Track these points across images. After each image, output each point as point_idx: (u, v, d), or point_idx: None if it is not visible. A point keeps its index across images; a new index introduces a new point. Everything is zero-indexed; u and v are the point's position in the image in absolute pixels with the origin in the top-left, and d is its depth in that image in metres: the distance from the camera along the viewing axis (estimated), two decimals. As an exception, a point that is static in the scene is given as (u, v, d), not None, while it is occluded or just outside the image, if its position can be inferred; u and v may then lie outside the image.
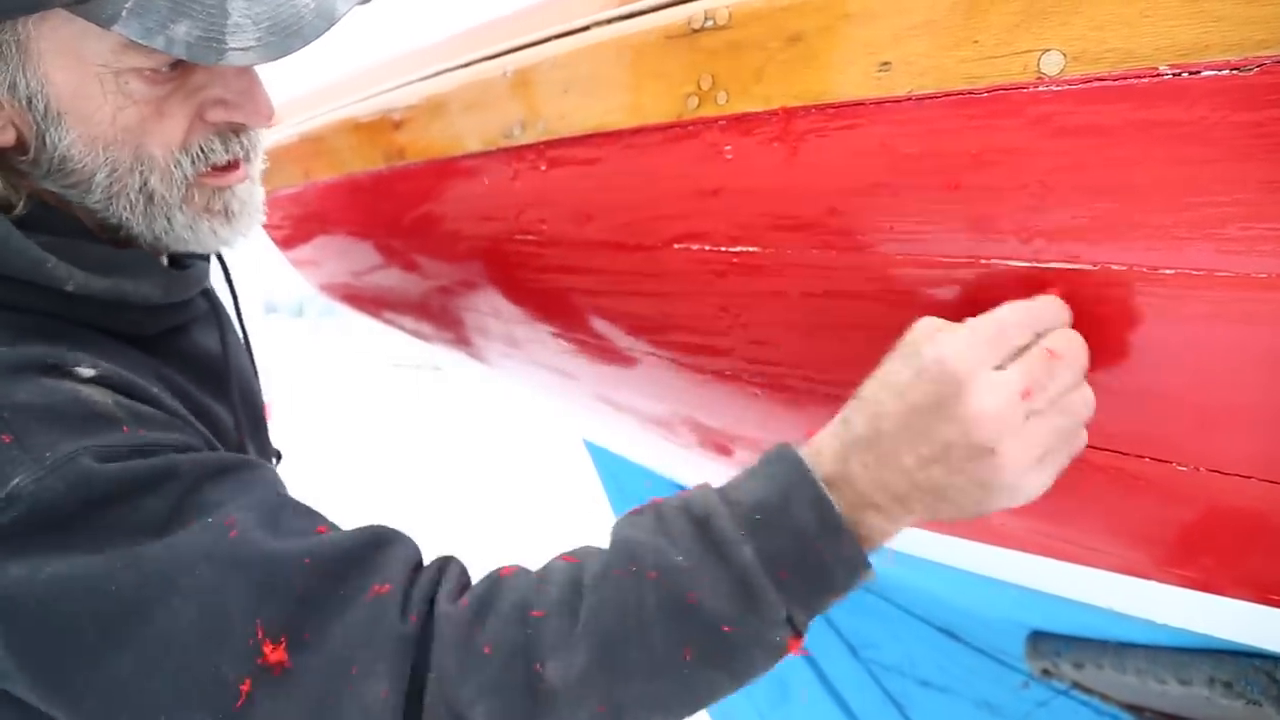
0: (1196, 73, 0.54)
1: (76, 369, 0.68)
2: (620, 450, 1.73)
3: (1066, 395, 0.63)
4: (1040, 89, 0.60)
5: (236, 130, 0.76)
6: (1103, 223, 0.61)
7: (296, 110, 1.52)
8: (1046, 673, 1.18)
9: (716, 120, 0.80)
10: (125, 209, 0.74)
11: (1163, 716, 1.09)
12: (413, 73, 1.19)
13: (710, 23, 0.77)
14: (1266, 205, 0.54)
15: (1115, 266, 0.62)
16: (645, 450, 1.58)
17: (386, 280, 1.49)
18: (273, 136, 1.54)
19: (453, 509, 5.50)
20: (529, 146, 0.99)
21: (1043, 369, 0.62)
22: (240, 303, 0.97)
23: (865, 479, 0.63)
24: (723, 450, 1.20)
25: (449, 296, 1.36)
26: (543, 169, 0.99)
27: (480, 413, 8.57)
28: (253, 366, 0.97)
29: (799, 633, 0.63)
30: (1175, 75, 0.54)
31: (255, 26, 0.67)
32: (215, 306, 0.90)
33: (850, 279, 0.78)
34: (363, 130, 1.27)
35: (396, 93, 1.21)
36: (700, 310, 0.94)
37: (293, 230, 1.65)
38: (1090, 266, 0.63)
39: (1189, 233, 0.58)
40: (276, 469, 0.92)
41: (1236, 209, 0.55)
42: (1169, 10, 0.54)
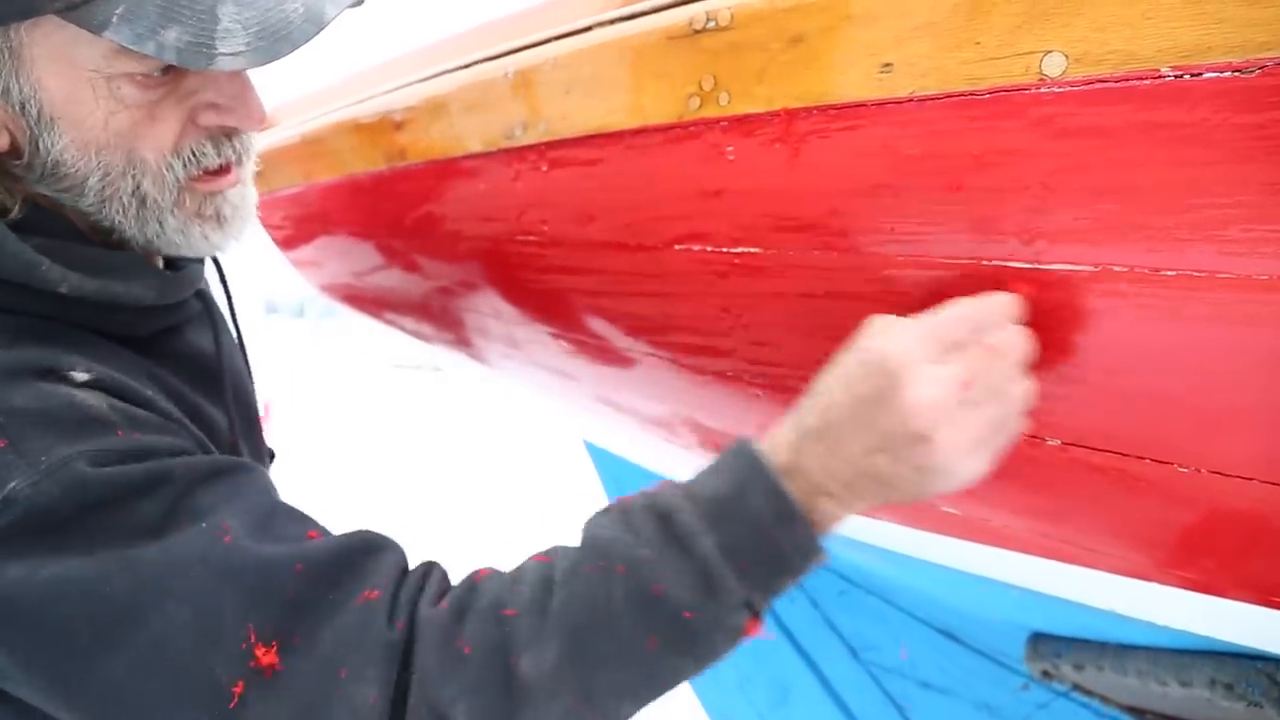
0: (1198, 74, 0.54)
1: (71, 373, 0.68)
2: (621, 451, 1.73)
3: (1004, 387, 0.66)
4: (1042, 90, 0.60)
5: (229, 134, 0.76)
6: (1104, 224, 0.61)
7: (298, 111, 1.52)
8: (1047, 675, 1.18)
9: (718, 121, 0.80)
10: (117, 212, 0.74)
11: (1163, 718, 1.09)
12: (414, 73, 1.19)
13: (712, 24, 0.77)
14: (1268, 207, 0.54)
15: (1117, 268, 0.62)
16: (646, 451, 1.58)
17: (387, 281, 1.49)
18: (274, 137, 1.54)
19: (453, 509, 5.50)
20: (530, 147, 0.99)
21: (979, 363, 0.65)
22: (235, 302, 0.97)
23: (817, 468, 0.67)
24: (723, 451, 1.20)
25: (450, 297, 1.36)
26: (544, 170, 0.99)
27: (481, 414, 8.56)
28: (247, 367, 0.97)
29: (758, 615, 0.66)
30: (1177, 77, 0.54)
31: (245, 31, 0.67)
32: (209, 307, 0.91)
33: (852, 280, 0.78)
34: (364, 131, 1.27)
35: (398, 93, 1.21)
36: (701, 311, 0.94)
37: (294, 231, 1.65)
38: (1092, 268, 0.63)
39: (1190, 234, 0.58)
40: (269, 469, 0.93)
41: (1238, 211, 0.55)
42: (1171, 12, 0.54)
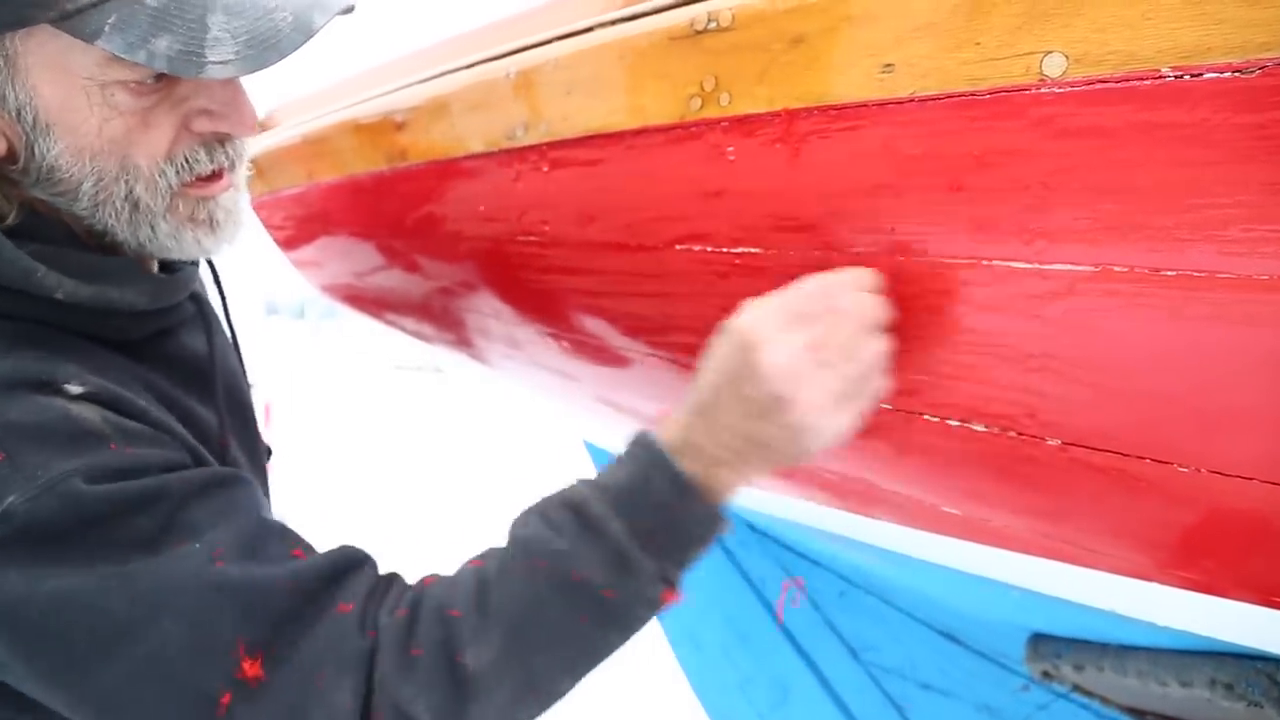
0: (1198, 75, 0.54)
1: (66, 385, 0.69)
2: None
3: (854, 347, 0.71)
4: (1042, 91, 0.60)
5: (221, 140, 0.77)
6: (1105, 224, 0.61)
7: (299, 111, 1.52)
8: (1047, 675, 1.18)
9: (719, 122, 0.80)
10: (110, 216, 0.75)
11: (1163, 719, 1.09)
12: (415, 74, 1.19)
13: (713, 24, 0.78)
14: (1268, 207, 0.54)
15: (1117, 268, 0.62)
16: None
17: (388, 281, 1.49)
18: (275, 138, 1.54)
19: (454, 510, 5.49)
20: (531, 148, 0.99)
21: (828, 326, 0.71)
22: (229, 303, 0.98)
23: (707, 442, 0.72)
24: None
25: (451, 298, 1.37)
26: (545, 170, 0.99)
27: (481, 414, 8.57)
28: (241, 367, 0.98)
29: (672, 585, 0.72)
30: (1177, 77, 0.54)
31: (234, 40, 0.69)
32: (202, 308, 0.91)
33: (852, 280, 0.78)
34: (365, 131, 1.27)
35: (399, 94, 1.21)
36: (702, 311, 0.94)
37: (295, 231, 1.65)
38: (1092, 268, 0.63)
39: (1191, 234, 0.58)
40: (267, 466, 0.97)
41: (1238, 211, 0.56)
42: (1171, 12, 0.54)
